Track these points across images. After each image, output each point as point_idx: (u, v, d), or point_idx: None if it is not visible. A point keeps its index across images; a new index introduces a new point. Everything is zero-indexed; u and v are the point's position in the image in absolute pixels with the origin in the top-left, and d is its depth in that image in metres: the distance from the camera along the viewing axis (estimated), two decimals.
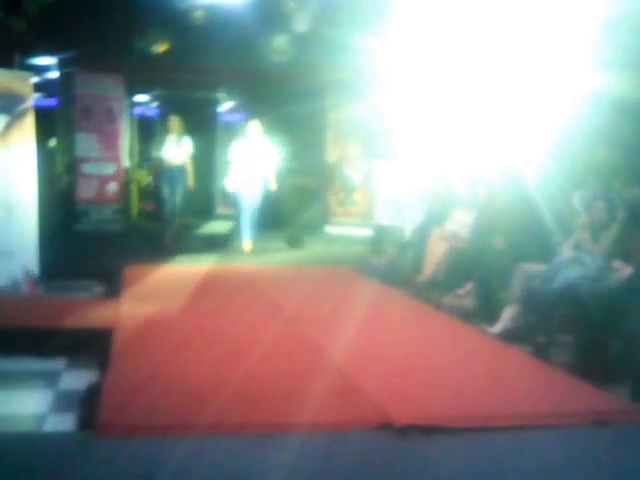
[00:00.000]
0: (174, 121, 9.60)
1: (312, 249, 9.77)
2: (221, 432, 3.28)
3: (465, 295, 6.20)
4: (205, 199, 12.70)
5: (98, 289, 6.92)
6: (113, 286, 6.74)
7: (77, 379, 4.19)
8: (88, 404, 3.61)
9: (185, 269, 7.97)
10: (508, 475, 3.06)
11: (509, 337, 5.20)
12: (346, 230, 11.31)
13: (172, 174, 9.47)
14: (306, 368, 4.26)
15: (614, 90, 5.48)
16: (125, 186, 11.31)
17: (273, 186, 9.07)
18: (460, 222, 6.70)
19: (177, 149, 9.48)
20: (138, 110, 14.53)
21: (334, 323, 5.47)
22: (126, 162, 11.82)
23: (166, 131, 9.67)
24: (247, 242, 9.10)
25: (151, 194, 13.36)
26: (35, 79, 9.06)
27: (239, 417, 3.47)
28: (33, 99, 7.01)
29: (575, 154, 5.90)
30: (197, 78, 11.59)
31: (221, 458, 3.04)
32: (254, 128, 9.15)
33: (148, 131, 14.44)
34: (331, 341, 4.91)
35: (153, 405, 3.53)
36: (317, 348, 4.77)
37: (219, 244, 9.65)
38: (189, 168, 9.50)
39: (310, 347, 4.80)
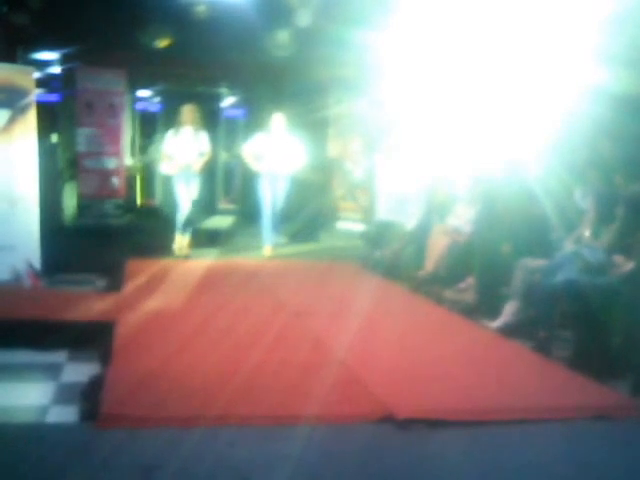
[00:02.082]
0: (188, 111, 8.30)
1: (313, 244, 9.78)
2: (223, 424, 3.29)
3: (466, 290, 6.20)
4: (207, 194, 12.68)
5: (100, 283, 6.93)
6: (115, 280, 6.75)
7: (79, 371, 4.21)
8: (90, 396, 3.63)
9: (187, 263, 7.99)
10: (508, 468, 3.07)
11: (510, 332, 5.20)
12: (347, 225, 11.33)
13: (188, 174, 8.28)
14: (309, 362, 4.27)
15: (617, 84, 5.47)
16: (127, 181, 11.31)
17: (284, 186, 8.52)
18: (461, 217, 6.70)
19: (194, 145, 8.28)
20: (140, 105, 14.53)
21: (337, 317, 5.49)
22: (128, 157, 11.82)
23: (178, 124, 8.35)
24: (267, 247, 8.57)
25: (153, 191, 13.42)
26: (37, 74, 9.04)
27: (241, 410, 3.48)
28: (35, 94, 7.02)
29: (577, 149, 5.90)
30: (199, 73, 11.56)
31: (224, 450, 3.05)
32: (278, 121, 8.44)
33: (150, 126, 14.45)
34: (334, 335, 4.92)
35: (155, 397, 3.55)
36: (320, 342, 4.78)
37: (221, 239, 9.65)
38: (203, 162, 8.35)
39: (313, 341, 4.81)
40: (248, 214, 10.72)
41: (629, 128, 5.43)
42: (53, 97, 11.92)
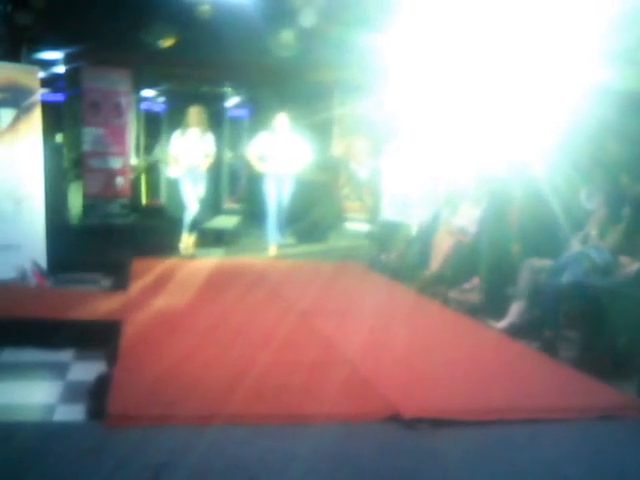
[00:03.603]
0: (195, 113, 8.38)
1: (319, 244, 9.78)
2: (231, 424, 3.29)
3: (472, 290, 6.20)
4: (212, 194, 12.69)
5: (105, 282, 6.95)
6: (121, 279, 6.77)
7: (86, 370, 4.22)
8: (97, 395, 3.64)
9: (193, 263, 8.00)
10: (513, 468, 3.07)
11: (516, 332, 5.20)
12: (353, 225, 11.33)
13: (195, 174, 8.36)
14: (317, 362, 4.28)
15: (623, 83, 5.47)
16: (133, 181, 11.33)
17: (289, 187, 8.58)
18: (467, 217, 6.70)
19: (200, 146, 8.38)
20: (144, 105, 14.54)
21: (344, 318, 5.49)
22: (133, 157, 11.84)
23: (185, 125, 8.43)
24: (272, 247, 8.59)
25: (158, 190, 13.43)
26: (42, 73, 9.05)
27: (249, 410, 3.48)
28: (40, 93, 7.03)
29: (582, 148, 5.89)
30: (204, 73, 11.57)
31: (233, 450, 3.05)
32: (282, 121, 8.48)
33: (154, 126, 14.46)
34: (341, 335, 4.93)
35: (162, 397, 3.55)
36: (327, 342, 4.78)
37: (227, 239, 9.66)
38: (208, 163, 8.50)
39: (321, 341, 4.81)
40: (253, 214, 10.72)
41: (635, 127, 5.42)
42: (58, 97, 11.93)
